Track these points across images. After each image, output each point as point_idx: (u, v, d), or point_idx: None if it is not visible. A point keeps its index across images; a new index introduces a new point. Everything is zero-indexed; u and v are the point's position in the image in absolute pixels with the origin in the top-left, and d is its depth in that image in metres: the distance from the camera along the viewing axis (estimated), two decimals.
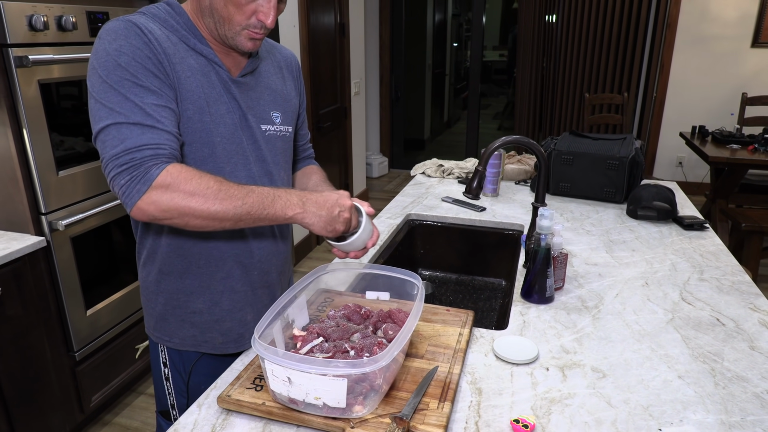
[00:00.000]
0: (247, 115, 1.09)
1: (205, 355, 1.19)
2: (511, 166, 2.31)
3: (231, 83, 1.07)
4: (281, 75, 1.21)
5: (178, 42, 1.01)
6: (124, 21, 0.96)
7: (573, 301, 1.31)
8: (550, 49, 4.93)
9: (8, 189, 1.79)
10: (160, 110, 0.94)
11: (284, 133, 1.19)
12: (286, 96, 1.20)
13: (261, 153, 1.13)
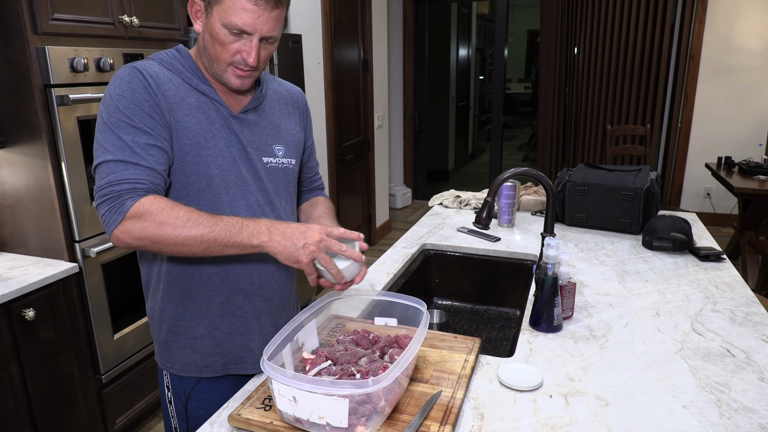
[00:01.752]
0: (248, 148, 1.16)
1: (204, 379, 1.23)
2: (528, 197, 2.34)
3: (231, 119, 1.14)
4: (287, 111, 1.28)
5: (181, 83, 1.10)
6: (130, 68, 1.06)
7: (581, 330, 1.33)
8: (573, 81, 4.98)
9: (46, 218, 1.91)
10: (148, 149, 1.02)
11: (287, 165, 1.24)
12: (289, 131, 1.26)
13: (262, 183, 1.18)
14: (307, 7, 3.34)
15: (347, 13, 3.93)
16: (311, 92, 3.45)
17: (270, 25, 1.06)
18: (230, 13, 1.03)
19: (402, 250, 1.93)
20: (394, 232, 5.11)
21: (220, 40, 1.06)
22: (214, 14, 1.05)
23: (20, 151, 1.88)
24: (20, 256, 1.99)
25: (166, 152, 1.06)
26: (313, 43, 3.45)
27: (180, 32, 2.30)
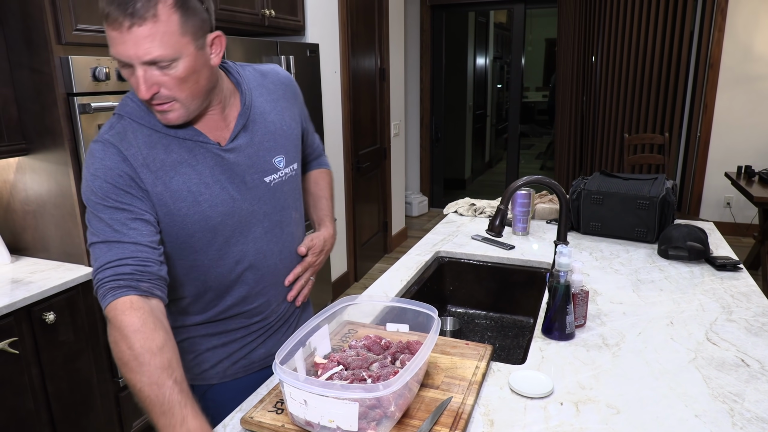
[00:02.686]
0: (246, 177, 1.10)
1: (215, 385, 1.25)
2: (542, 206, 2.33)
3: (223, 153, 1.07)
4: (278, 105, 1.19)
5: (160, 138, 1.02)
6: (102, 142, 1.00)
7: (594, 339, 1.32)
8: (590, 90, 4.96)
9: (67, 223, 1.96)
10: (129, 223, 0.97)
11: (290, 173, 1.20)
12: (286, 131, 1.19)
13: (267, 208, 1.15)
14: (324, 16, 3.39)
15: (364, 22, 3.98)
16: (328, 101, 3.49)
17: (143, 47, 0.88)
18: (110, 46, 0.91)
19: (416, 257, 1.94)
20: (410, 240, 5.11)
21: (127, 77, 0.95)
22: None
23: (43, 158, 1.93)
24: (42, 261, 2.04)
25: (150, 223, 1.00)
26: (331, 52, 3.49)
27: None
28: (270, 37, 3.11)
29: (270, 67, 1.24)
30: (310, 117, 1.39)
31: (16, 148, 1.91)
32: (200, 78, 0.97)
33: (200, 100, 1.01)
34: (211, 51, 0.99)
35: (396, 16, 4.54)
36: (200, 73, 0.97)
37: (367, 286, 4.10)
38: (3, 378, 1.68)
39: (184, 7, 0.91)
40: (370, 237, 4.36)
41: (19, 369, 1.73)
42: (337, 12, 3.54)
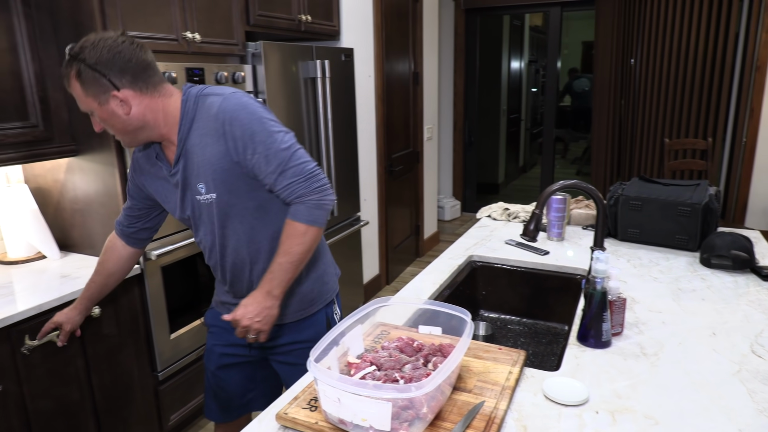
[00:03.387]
0: (186, 194, 1.37)
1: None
2: (578, 211, 2.30)
3: (169, 175, 1.38)
4: (203, 140, 1.30)
5: (151, 151, 1.40)
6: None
7: (631, 347, 1.30)
8: (629, 93, 4.86)
9: (112, 221, 2.02)
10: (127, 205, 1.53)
11: (209, 200, 1.35)
12: (206, 163, 1.30)
13: (203, 219, 1.40)
14: (359, 21, 3.42)
15: (398, 26, 4.00)
16: (362, 105, 3.52)
17: (82, 103, 1.27)
18: None
19: (449, 261, 1.94)
20: (441, 244, 5.10)
21: None
22: None
23: (91, 158, 2.01)
24: (88, 257, 2.12)
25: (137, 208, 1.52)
26: (365, 56, 3.52)
27: (238, 47, 2.41)
28: (306, 42, 3.16)
29: (213, 100, 1.31)
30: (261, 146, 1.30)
31: (66, 150, 2.00)
32: (115, 123, 1.28)
33: (127, 136, 1.32)
34: (118, 104, 1.25)
35: (430, 20, 4.54)
36: (111, 119, 1.27)
37: (398, 289, 4.11)
38: (52, 369, 1.76)
39: (81, 79, 1.22)
40: (402, 240, 4.37)
41: (66, 360, 1.80)
42: (371, 17, 3.56)
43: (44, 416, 1.75)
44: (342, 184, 3.21)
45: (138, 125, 1.29)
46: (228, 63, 2.41)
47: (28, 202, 2.05)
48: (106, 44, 1.21)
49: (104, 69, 1.21)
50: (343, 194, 3.25)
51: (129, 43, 1.24)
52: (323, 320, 1.52)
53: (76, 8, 1.84)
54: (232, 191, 1.33)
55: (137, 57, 1.24)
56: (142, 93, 1.26)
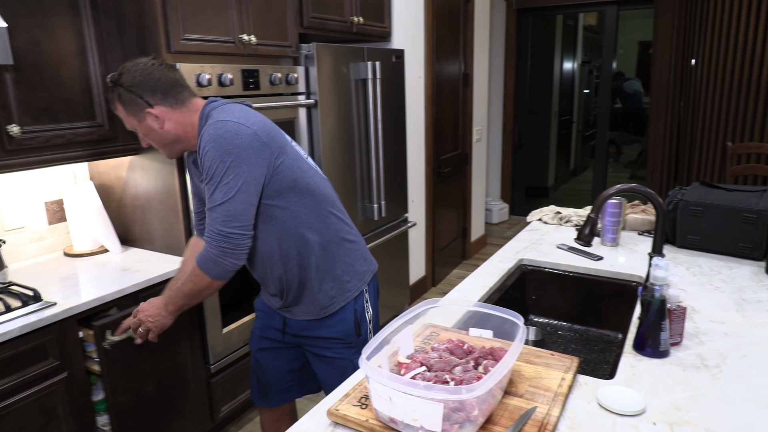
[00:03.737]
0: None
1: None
2: (634, 216, 2.23)
3: (200, 183, 1.54)
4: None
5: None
6: None
7: (691, 358, 1.25)
8: (689, 95, 4.67)
9: (170, 218, 2.11)
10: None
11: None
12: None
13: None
14: (409, 22, 3.43)
15: (449, 27, 3.98)
16: (411, 106, 3.52)
17: (126, 121, 1.49)
18: None
19: (498, 264, 1.91)
20: (489, 247, 5.04)
21: None
22: None
23: (152, 157, 2.10)
24: (147, 252, 2.21)
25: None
26: (415, 57, 3.53)
27: (292, 49, 2.46)
28: (357, 43, 3.19)
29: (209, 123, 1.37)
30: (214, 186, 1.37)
31: (129, 148, 2.09)
32: (154, 137, 1.48)
33: (166, 148, 1.51)
34: (153, 120, 1.44)
35: (481, 21, 4.50)
36: (150, 134, 1.47)
37: (444, 291, 4.09)
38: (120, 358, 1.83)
39: (122, 102, 1.44)
40: (449, 242, 4.35)
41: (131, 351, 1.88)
42: (422, 18, 3.56)
43: (116, 405, 1.84)
44: (390, 186, 3.23)
45: (173, 138, 1.47)
46: (281, 65, 2.46)
47: (93, 198, 2.15)
48: (138, 68, 1.41)
49: (138, 90, 1.41)
50: (391, 195, 3.26)
51: (158, 65, 1.43)
52: (351, 316, 1.57)
53: (141, 13, 1.92)
54: None
55: (165, 76, 1.43)
56: (172, 108, 1.44)
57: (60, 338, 1.67)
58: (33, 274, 1.97)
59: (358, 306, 1.58)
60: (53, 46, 1.82)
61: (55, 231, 2.22)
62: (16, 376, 1.57)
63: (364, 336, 1.59)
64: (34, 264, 2.08)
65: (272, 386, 1.74)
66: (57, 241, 2.22)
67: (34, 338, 1.61)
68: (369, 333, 1.61)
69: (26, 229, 2.13)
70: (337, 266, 1.53)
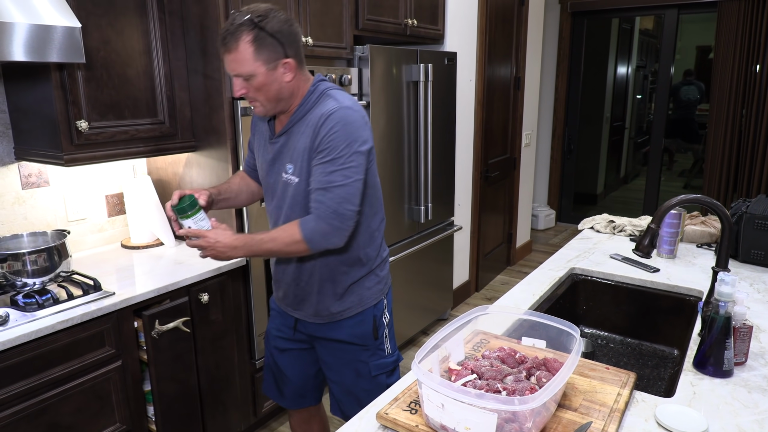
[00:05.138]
0: (275, 164, 1.50)
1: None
2: (693, 228, 2.14)
3: (268, 141, 1.53)
4: (306, 133, 1.43)
5: (262, 119, 1.57)
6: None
7: (757, 380, 1.19)
8: (751, 103, 4.45)
9: (223, 215, 2.16)
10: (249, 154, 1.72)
11: (291, 181, 1.47)
12: (302, 151, 1.44)
13: (277, 193, 1.52)
14: (463, 25, 3.40)
15: (503, 30, 3.93)
16: (461, 108, 3.49)
17: (232, 66, 1.36)
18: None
19: (549, 272, 1.88)
20: (534, 254, 4.95)
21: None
22: None
23: (208, 154, 2.15)
24: None
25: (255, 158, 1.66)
26: (467, 60, 3.50)
27: (346, 51, 2.48)
28: (411, 45, 3.19)
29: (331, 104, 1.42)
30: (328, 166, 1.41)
31: (187, 145, 2.15)
32: (270, 89, 1.40)
33: (274, 103, 1.43)
34: (283, 72, 1.39)
35: (535, 24, 4.43)
36: (271, 85, 1.39)
37: (488, 296, 4.04)
38: (169, 348, 1.89)
39: (257, 42, 1.33)
40: (494, 248, 4.29)
41: (181, 341, 1.94)
42: (476, 20, 3.53)
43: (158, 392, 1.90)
44: (437, 189, 3.21)
45: (287, 95, 1.43)
46: (336, 66, 2.48)
47: (150, 192, 2.23)
48: (281, 16, 1.38)
49: (282, 38, 1.36)
50: (438, 198, 3.24)
51: (294, 21, 1.42)
52: (370, 321, 1.58)
53: (204, 14, 1.98)
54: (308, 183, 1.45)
55: (300, 35, 1.44)
56: (299, 67, 1.43)
57: (117, 327, 1.74)
58: (93, 263, 2.05)
59: (377, 311, 1.59)
60: (122, 45, 1.89)
61: (114, 223, 2.31)
62: (75, 362, 1.64)
63: (381, 340, 1.60)
64: (94, 254, 2.17)
65: (289, 389, 1.75)
66: (116, 232, 2.31)
67: (93, 326, 1.67)
68: (385, 337, 1.62)
69: (88, 220, 2.22)
70: (360, 270, 1.55)
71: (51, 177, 2.08)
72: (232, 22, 1.34)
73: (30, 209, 2.03)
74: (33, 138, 1.88)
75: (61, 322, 1.58)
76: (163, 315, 1.83)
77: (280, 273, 1.61)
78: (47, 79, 1.74)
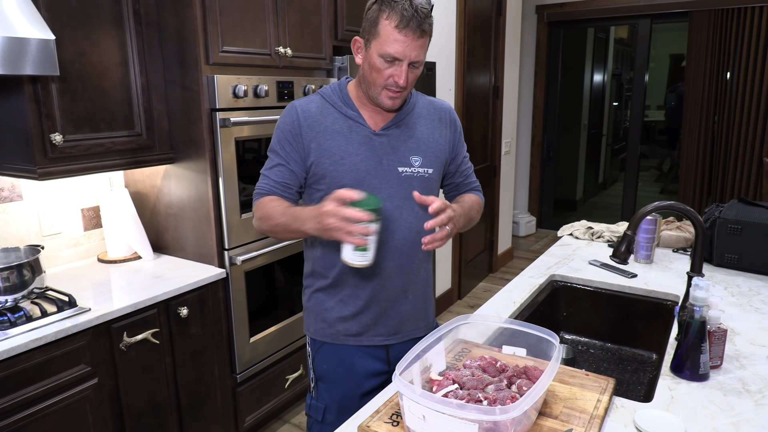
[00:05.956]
0: (383, 160, 1.36)
1: (326, 344, 1.45)
2: (669, 233, 2.18)
3: (372, 136, 1.36)
4: (432, 125, 1.44)
5: (333, 112, 1.37)
6: (290, 104, 1.39)
7: (732, 382, 1.21)
8: (723, 109, 4.56)
9: (202, 226, 2.14)
10: (275, 168, 1.37)
11: (422, 174, 1.39)
12: (431, 143, 1.42)
13: (392, 191, 1.36)
14: (441, 35, 3.43)
15: (481, 40, 3.98)
16: None
17: (416, 51, 1.26)
18: (385, 45, 1.25)
19: (529, 279, 1.89)
20: (516, 260, 4.98)
21: (376, 67, 1.28)
22: (372, 48, 1.28)
23: (186, 166, 2.13)
24: (179, 259, 2.24)
25: (293, 171, 1.37)
26: (446, 70, 3.53)
27: (326, 61, 2.48)
28: None
29: (440, 100, 1.52)
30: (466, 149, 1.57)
31: (165, 157, 2.13)
32: (419, 72, 1.32)
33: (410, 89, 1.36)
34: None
35: (512, 33, 4.49)
36: (420, 69, 1.32)
37: (470, 304, 4.05)
38: (145, 365, 1.87)
39: (430, 31, 1.28)
40: (476, 255, 4.31)
41: (158, 358, 1.91)
42: (454, 30, 3.57)
43: (135, 409, 1.86)
44: None
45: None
46: (315, 77, 2.49)
47: (127, 205, 2.20)
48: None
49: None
50: None
51: None
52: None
53: (182, 26, 1.97)
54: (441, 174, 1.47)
55: None
56: None
57: (93, 344, 1.70)
58: (68, 279, 2.01)
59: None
60: (97, 57, 1.87)
61: (90, 237, 2.27)
62: (49, 381, 1.60)
63: None
64: (70, 269, 2.13)
65: None
66: (92, 247, 2.27)
67: (67, 343, 1.64)
68: None
69: (63, 234, 2.18)
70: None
71: (24, 191, 2.04)
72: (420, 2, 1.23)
73: (2, 224, 1.99)
74: (6, 151, 1.85)
75: (35, 340, 1.54)
76: (132, 327, 1.80)
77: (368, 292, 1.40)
78: (20, 91, 1.71)
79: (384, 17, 1.24)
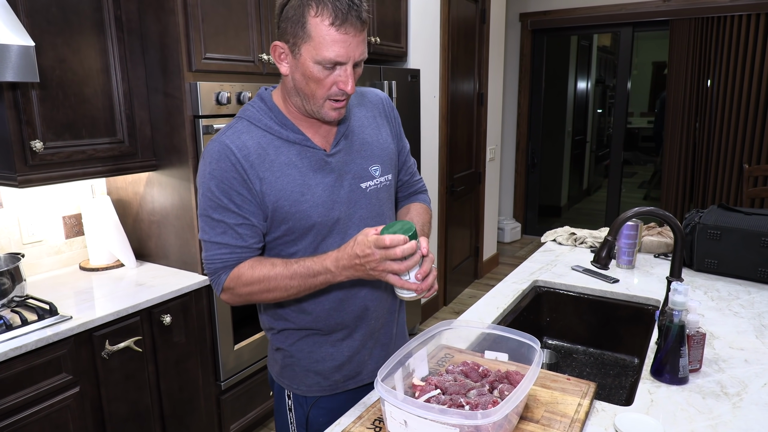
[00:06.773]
0: (344, 182, 1.17)
1: (323, 397, 1.29)
2: (650, 238, 2.20)
3: (327, 158, 1.16)
4: (375, 122, 1.26)
5: (271, 140, 1.12)
6: (219, 143, 1.10)
7: (710, 385, 1.22)
8: (704, 116, 4.65)
9: (185, 234, 2.13)
10: (236, 227, 1.11)
11: (385, 183, 1.25)
12: (381, 144, 1.25)
13: (363, 212, 1.20)
14: (426, 42, 3.46)
15: (465, 47, 4.01)
16: (426, 125, 3.54)
17: (360, 48, 1.06)
18: (322, 49, 1.02)
19: (512, 285, 1.90)
20: (501, 266, 5.01)
21: (314, 77, 1.05)
22: (303, 54, 1.04)
23: (169, 173, 2.12)
24: (162, 267, 2.22)
25: (255, 225, 1.13)
26: (430, 77, 3.55)
27: None
28: (374, 63, 3.22)
29: (369, 88, 1.33)
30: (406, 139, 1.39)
31: (147, 164, 2.12)
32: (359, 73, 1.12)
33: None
34: None
35: (496, 41, 4.53)
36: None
37: (456, 310, 4.06)
38: (128, 373, 1.85)
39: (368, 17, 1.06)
40: (461, 261, 4.33)
41: (141, 366, 1.89)
42: (438, 38, 3.60)
43: (118, 418, 1.84)
44: None
45: None
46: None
47: (110, 213, 2.18)
48: None
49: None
50: None
51: None
52: None
53: (164, 32, 1.96)
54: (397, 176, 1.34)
55: None
56: None
57: (74, 353, 1.68)
58: (49, 287, 1.99)
59: None
60: (78, 64, 1.86)
61: (72, 245, 2.24)
62: (29, 390, 1.58)
63: None
64: (51, 277, 2.10)
65: None
66: (74, 254, 2.25)
67: (48, 352, 1.62)
68: None
69: (44, 242, 2.15)
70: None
71: (4, 198, 2.01)
72: None
73: None
74: None
75: (14, 349, 1.52)
76: (114, 335, 1.78)
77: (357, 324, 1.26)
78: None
79: (312, 14, 1.01)
